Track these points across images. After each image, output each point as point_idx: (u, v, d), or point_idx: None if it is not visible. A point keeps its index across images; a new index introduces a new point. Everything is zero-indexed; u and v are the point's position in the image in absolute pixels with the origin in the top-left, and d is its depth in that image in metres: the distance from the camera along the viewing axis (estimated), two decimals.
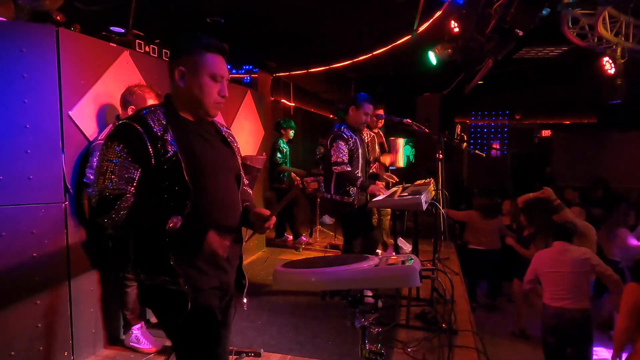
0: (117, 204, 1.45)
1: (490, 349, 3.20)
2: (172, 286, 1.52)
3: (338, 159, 3.57)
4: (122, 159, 1.49)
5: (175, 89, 1.63)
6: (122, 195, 1.47)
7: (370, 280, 1.62)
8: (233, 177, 1.73)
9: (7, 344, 2.40)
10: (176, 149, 1.53)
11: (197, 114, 1.65)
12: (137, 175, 1.51)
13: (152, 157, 1.50)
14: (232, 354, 2.89)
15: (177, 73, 1.59)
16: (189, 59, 1.59)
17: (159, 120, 1.56)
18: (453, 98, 9.03)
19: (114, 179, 1.47)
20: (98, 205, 1.47)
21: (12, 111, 2.40)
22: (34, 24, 2.56)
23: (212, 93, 1.62)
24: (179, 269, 1.52)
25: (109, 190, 1.46)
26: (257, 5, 5.24)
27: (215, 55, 1.62)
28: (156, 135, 1.52)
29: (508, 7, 4.20)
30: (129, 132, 1.51)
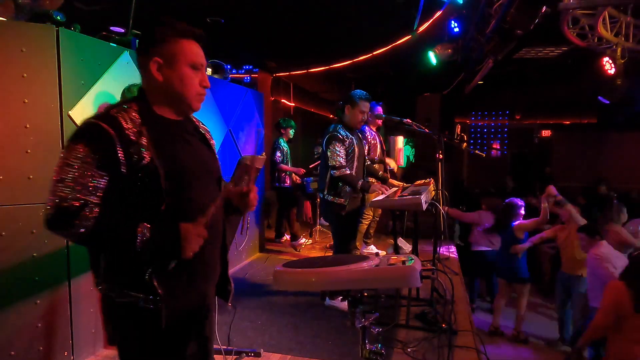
0: (80, 215, 1.25)
1: (490, 349, 3.20)
2: (145, 304, 1.37)
3: (336, 163, 3.49)
4: (86, 164, 1.28)
5: (151, 83, 1.44)
6: (85, 206, 1.26)
7: (371, 280, 1.62)
8: (214, 181, 1.58)
9: (7, 344, 2.40)
10: (152, 156, 1.34)
11: (178, 109, 1.49)
12: (104, 185, 1.31)
13: (123, 163, 1.31)
14: (232, 354, 2.89)
15: (153, 65, 1.41)
16: (165, 49, 1.41)
17: (132, 120, 1.37)
18: (453, 98, 9.03)
19: (75, 187, 1.27)
20: (55, 216, 1.26)
21: (12, 111, 2.40)
22: (34, 23, 2.56)
23: (193, 84, 1.45)
24: (155, 285, 1.36)
25: (68, 200, 1.26)
26: (257, 5, 5.24)
27: (191, 41, 1.45)
28: (129, 139, 1.33)
29: (508, 7, 4.20)
30: (97, 133, 1.31)
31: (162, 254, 1.36)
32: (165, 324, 1.38)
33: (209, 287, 1.58)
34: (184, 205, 1.41)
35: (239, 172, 3.28)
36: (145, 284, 1.37)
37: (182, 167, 1.41)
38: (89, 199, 1.28)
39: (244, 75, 7.08)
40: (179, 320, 1.44)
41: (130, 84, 2.81)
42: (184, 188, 1.41)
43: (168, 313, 1.39)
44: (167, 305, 1.38)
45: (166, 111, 1.47)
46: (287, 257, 5.51)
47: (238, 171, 3.30)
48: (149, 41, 1.44)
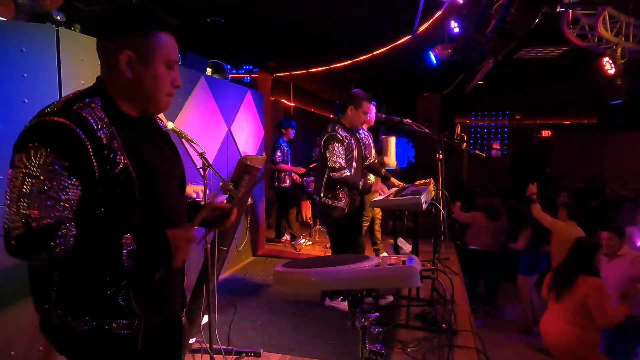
0: (56, 234, 1.05)
1: (490, 349, 3.20)
2: (116, 329, 1.20)
3: (336, 165, 3.39)
4: (54, 174, 1.08)
5: (116, 77, 1.23)
6: (60, 224, 1.07)
7: (371, 280, 1.61)
8: (178, 185, 1.41)
9: (7, 344, 2.40)
10: (126, 161, 1.17)
11: (143, 109, 1.30)
12: (76, 196, 1.12)
13: (95, 171, 1.12)
14: (232, 354, 2.89)
15: (123, 57, 1.20)
16: (139, 41, 1.21)
17: (100, 117, 1.17)
18: (453, 98, 9.03)
19: (45, 201, 1.06)
20: (25, 240, 1.05)
21: (12, 111, 2.39)
22: (34, 24, 2.56)
23: (165, 84, 1.27)
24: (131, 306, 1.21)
25: (38, 219, 1.05)
26: (257, 5, 5.24)
27: (168, 34, 1.27)
28: (100, 141, 1.14)
29: (508, 7, 4.20)
30: (63, 134, 1.10)
31: (151, 264, 1.22)
32: (141, 347, 1.25)
33: (178, 304, 1.46)
34: (156, 215, 1.27)
35: (239, 172, 3.29)
36: (118, 306, 1.20)
37: (153, 174, 1.25)
38: (63, 214, 1.09)
39: (244, 75, 7.09)
40: (153, 341, 1.30)
41: None
42: (154, 195, 1.26)
43: (144, 334, 1.25)
44: (144, 326, 1.25)
45: (130, 109, 1.28)
46: (287, 257, 5.51)
47: (238, 171, 3.30)
48: (120, 27, 1.21)
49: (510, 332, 5.33)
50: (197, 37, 6.17)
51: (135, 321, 1.23)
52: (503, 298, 6.15)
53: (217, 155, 4.33)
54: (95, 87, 1.26)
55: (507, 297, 6.12)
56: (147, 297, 1.26)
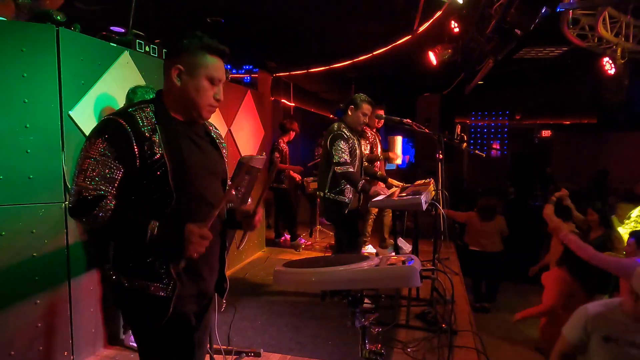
0: (98, 205, 1.38)
1: (490, 349, 3.20)
2: (153, 291, 1.47)
3: (340, 159, 3.51)
4: (105, 157, 1.41)
5: (170, 87, 1.56)
6: (103, 197, 1.40)
7: (371, 280, 1.61)
8: (219, 181, 1.69)
9: (7, 343, 2.40)
10: (163, 152, 1.46)
11: (188, 115, 1.58)
12: (120, 176, 1.43)
13: (137, 157, 1.43)
14: (232, 354, 2.89)
15: (174, 71, 1.52)
16: (188, 59, 1.53)
17: (147, 118, 1.48)
18: (453, 98, 9.04)
19: (95, 178, 1.40)
20: (77, 204, 1.40)
21: (12, 111, 2.40)
22: (34, 23, 2.56)
23: (207, 96, 1.55)
24: (163, 274, 1.47)
25: (89, 190, 1.39)
26: (257, 5, 5.24)
27: (215, 57, 1.57)
28: (143, 135, 1.45)
29: (508, 7, 4.21)
30: (115, 128, 1.43)
31: (167, 251, 1.46)
32: (172, 311, 1.48)
33: (209, 283, 1.67)
34: (190, 202, 1.51)
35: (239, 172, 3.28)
36: (156, 271, 1.47)
37: (187, 165, 1.50)
38: (107, 189, 1.41)
39: (244, 75, 7.10)
40: (184, 308, 1.54)
41: (135, 85, 2.82)
42: (189, 184, 1.50)
43: (176, 300, 1.49)
44: (177, 292, 1.48)
45: (179, 114, 1.57)
46: (287, 257, 5.51)
47: (238, 171, 3.30)
48: (176, 49, 1.55)
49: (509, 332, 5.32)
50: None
51: (168, 286, 1.48)
52: (503, 298, 6.14)
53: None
54: (155, 97, 1.60)
55: (508, 296, 6.11)
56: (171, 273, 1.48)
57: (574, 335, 2.21)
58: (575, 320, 2.23)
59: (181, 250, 1.42)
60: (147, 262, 1.47)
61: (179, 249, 1.42)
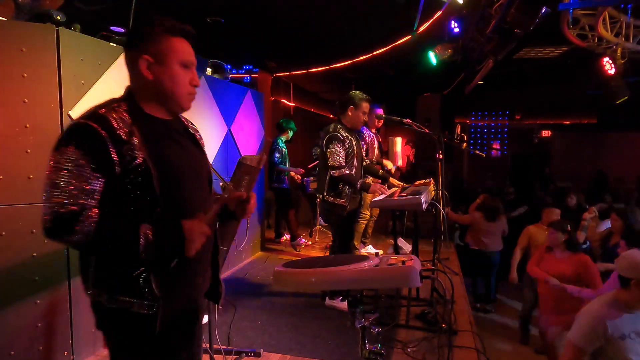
0: (78, 219, 1.22)
1: (489, 349, 3.20)
2: (137, 309, 1.34)
3: (336, 163, 3.48)
4: (80, 167, 1.25)
5: (140, 81, 1.40)
6: (84, 210, 1.23)
7: (370, 280, 1.62)
8: (206, 181, 1.56)
9: (7, 343, 2.40)
10: (145, 156, 1.31)
11: (168, 109, 1.45)
12: (99, 187, 1.28)
13: (116, 164, 1.28)
14: (232, 354, 2.89)
15: (142, 63, 1.37)
16: (155, 46, 1.37)
17: (123, 119, 1.33)
18: (453, 98, 9.04)
19: (71, 191, 1.23)
20: (54, 223, 1.22)
21: (12, 111, 2.40)
22: (34, 23, 2.56)
23: (184, 83, 1.43)
24: (152, 288, 1.34)
25: (65, 205, 1.22)
26: (257, 5, 5.24)
27: (181, 39, 1.43)
28: (120, 138, 1.29)
29: (508, 7, 4.21)
30: (88, 134, 1.27)
31: (166, 253, 1.34)
32: (159, 328, 1.36)
33: (199, 291, 1.57)
34: (177, 206, 1.39)
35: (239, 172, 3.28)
36: (140, 288, 1.34)
37: (172, 168, 1.38)
38: (86, 202, 1.25)
39: (244, 75, 7.10)
40: (172, 324, 1.41)
41: None
42: (175, 188, 1.38)
43: (163, 317, 1.36)
44: (162, 309, 1.36)
45: (156, 110, 1.44)
46: (287, 257, 5.51)
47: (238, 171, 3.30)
48: (138, 37, 1.40)
49: (509, 332, 5.32)
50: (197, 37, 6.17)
51: (155, 303, 1.35)
52: (503, 298, 6.15)
53: (217, 155, 4.33)
54: (125, 94, 1.43)
55: (507, 296, 6.13)
56: (167, 282, 1.37)
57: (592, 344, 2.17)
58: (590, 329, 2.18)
59: (179, 251, 1.33)
60: (129, 277, 1.33)
61: (179, 249, 1.32)
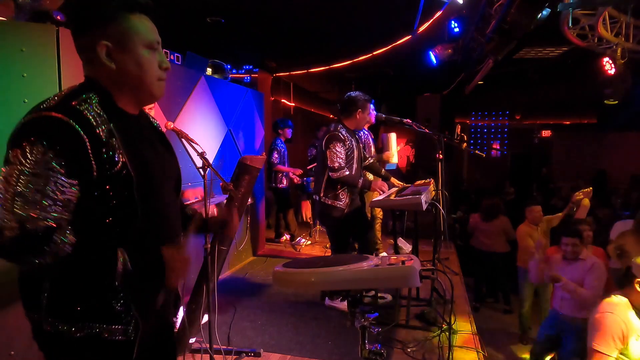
0: (51, 238, 1.01)
1: (490, 349, 3.20)
2: (108, 337, 1.15)
3: (335, 165, 3.42)
4: (52, 171, 1.02)
5: (101, 72, 1.17)
6: (57, 228, 1.03)
7: (370, 280, 1.61)
8: (173, 187, 1.37)
9: (7, 343, 2.40)
10: (124, 160, 1.13)
11: (137, 99, 1.25)
12: (74, 196, 1.07)
13: (94, 169, 1.08)
14: (232, 354, 2.89)
15: (102, 50, 1.14)
16: (112, 28, 1.14)
17: (98, 114, 1.12)
18: (453, 98, 9.04)
19: (40, 201, 1.01)
20: (18, 242, 0.99)
21: (12, 111, 2.39)
22: (34, 23, 2.56)
23: (153, 67, 1.21)
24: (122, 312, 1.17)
25: (34, 220, 1.00)
26: (257, 5, 5.24)
27: (141, 16, 1.19)
28: (100, 139, 1.09)
29: (508, 7, 4.21)
30: (62, 131, 1.04)
31: (145, 283, 1.18)
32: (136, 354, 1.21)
33: (170, 311, 1.45)
34: (153, 215, 1.22)
35: (239, 172, 3.29)
36: (113, 312, 1.16)
37: (150, 173, 1.21)
38: (61, 216, 1.05)
39: (244, 75, 7.09)
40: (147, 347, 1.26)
41: None
42: (152, 196, 1.22)
43: (140, 341, 1.21)
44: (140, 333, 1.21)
45: (125, 103, 1.23)
46: (287, 257, 5.51)
47: (238, 171, 3.30)
48: (91, 19, 1.15)
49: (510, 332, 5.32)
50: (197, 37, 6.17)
51: (130, 327, 1.19)
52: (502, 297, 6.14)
53: (217, 155, 4.33)
54: (88, 84, 1.20)
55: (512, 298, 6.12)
56: (143, 304, 1.22)
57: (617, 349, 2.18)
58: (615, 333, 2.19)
59: (161, 282, 1.18)
60: (106, 300, 1.14)
61: (158, 280, 1.18)
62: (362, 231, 3.83)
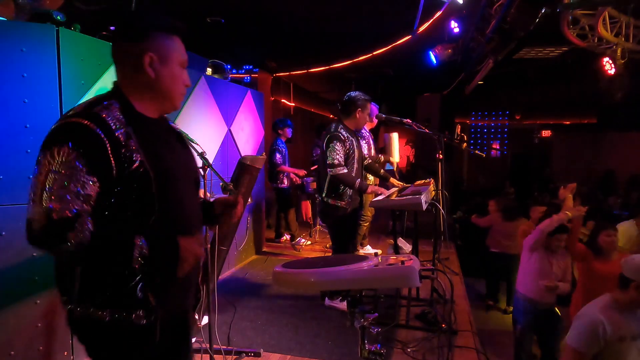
0: (74, 227, 1.14)
1: (490, 349, 3.20)
2: (135, 320, 1.28)
3: (334, 161, 3.44)
4: (75, 170, 1.16)
5: (138, 78, 1.33)
6: (79, 217, 1.16)
7: (370, 280, 1.61)
8: (193, 183, 1.52)
9: (7, 343, 2.40)
10: (142, 159, 1.26)
11: (161, 107, 1.41)
12: (95, 192, 1.20)
13: (113, 168, 1.21)
14: (232, 354, 2.89)
15: (146, 59, 1.31)
16: (157, 43, 1.33)
17: (117, 119, 1.26)
18: (453, 98, 9.04)
19: (65, 196, 1.15)
20: (46, 230, 1.14)
21: (12, 111, 2.40)
22: (34, 23, 2.56)
23: (180, 84, 1.40)
24: (144, 299, 1.29)
25: (59, 211, 1.13)
26: (257, 5, 5.25)
27: (177, 38, 1.39)
28: (119, 141, 1.23)
29: (508, 7, 4.21)
30: (84, 134, 1.19)
31: (159, 270, 1.30)
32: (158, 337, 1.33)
33: (189, 299, 1.56)
34: (171, 210, 1.34)
35: (239, 172, 3.29)
36: (136, 298, 1.28)
37: (167, 170, 1.34)
38: (82, 209, 1.18)
39: (244, 75, 7.09)
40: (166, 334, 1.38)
41: None
42: (171, 192, 1.34)
43: (161, 326, 1.33)
44: (160, 318, 1.33)
45: (147, 108, 1.38)
46: (287, 257, 5.51)
47: (238, 171, 3.30)
48: (140, 31, 1.33)
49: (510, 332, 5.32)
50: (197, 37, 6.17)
51: (152, 313, 1.31)
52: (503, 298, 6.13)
53: (217, 155, 4.33)
54: (113, 91, 1.36)
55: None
56: (162, 292, 1.34)
57: (592, 347, 2.16)
58: (590, 332, 2.17)
59: (173, 270, 1.29)
60: (128, 287, 1.27)
61: (171, 268, 1.29)
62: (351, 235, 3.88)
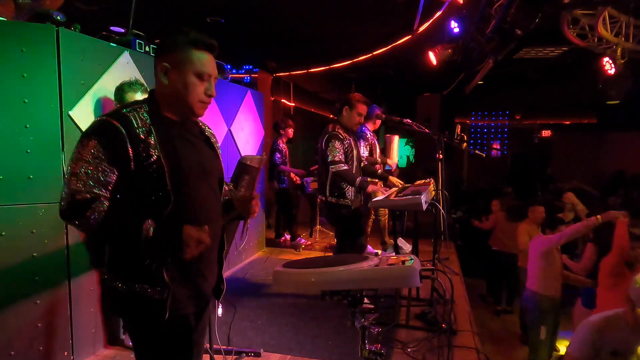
0: (91, 207, 1.36)
1: (490, 349, 3.20)
2: (150, 294, 1.46)
3: (335, 158, 3.45)
4: (97, 159, 1.39)
5: (159, 85, 1.55)
6: (96, 199, 1.37)
7: (370, 280, 1.62)
8: (216, 181, 1.67)
9: (7, 343, 2.40)
10: (159, 154, 1.44)
11: (181, 113, 1.57)
12: (114, 179, 1.42)
13: (131, 160, 1.42)
14: (232, 354, 2.89)
15: (161, 69, 1.51)
16: (175, 55, 1.51)
17: (142, 119, 1.47)
18: (453, 98, 9.03)
19: (88, 181, 1.37)
20: (69, 207, 1.37)
21: (12, 111, 2.40)
22: (33, 24, 2.56)
23: (197, 92, 1.53)
24: (158, 277, 1.46)
25: (81, 192, 1.36)
26: (257, 5, 5.25)
27: (202, 52, 1.53)
28: (138, 137, 1.43)
29: (508, 7, 4.21)
30: (108, 130, 1.42)
31: (162, 252, 1.45)
32: (169, 313, 1.47)
33: (207, 284, 1.66)
34: (187, 203, 1.50)
35: (239, 172, 3.28)
36: (152, 275, 1.46)
37: (184, 165, 1.49)
38: (100, 192, 1.39)
39: (244, 75, 7.08)
40: (182, 310, 1.53)
41: (122, 82, 2.79)
42: (185, 185, 1.49)
43: (171, 303, 1.47)
44: (172, 295, 1.48)
45: (172, 113, 1.56)
46: (287, 257, 5.51)
47: (238, 171, 3.30)
48: (163, 46, 1.55)
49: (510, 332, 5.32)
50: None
51: (166, 289, 1.47)
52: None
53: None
54: (148, 97, 1.59)
55: None
56: (175, 271, 1.49)
57: (583, 353, 2.15)
58: (582, 338, 2.18)
59: (177, 253, 1.41)
60: (143, 264, 1.45)
61: (175, 251, 1.41)
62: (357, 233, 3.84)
